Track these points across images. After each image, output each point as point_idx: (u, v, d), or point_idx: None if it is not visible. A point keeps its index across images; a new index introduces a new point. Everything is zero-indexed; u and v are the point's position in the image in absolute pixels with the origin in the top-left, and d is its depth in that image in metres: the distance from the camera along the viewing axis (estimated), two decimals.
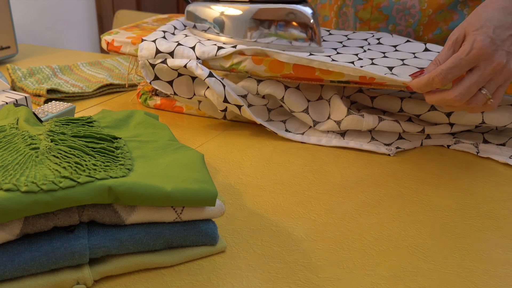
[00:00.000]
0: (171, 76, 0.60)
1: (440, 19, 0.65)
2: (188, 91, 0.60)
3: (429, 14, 0.64)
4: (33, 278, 0.32)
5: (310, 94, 0.59)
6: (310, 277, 0.35)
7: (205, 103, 0.62)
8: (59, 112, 0.57)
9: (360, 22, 0.69)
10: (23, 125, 0.42)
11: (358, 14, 0.68)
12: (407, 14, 0.65)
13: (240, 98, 0.57)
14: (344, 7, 0.69)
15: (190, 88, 0.60)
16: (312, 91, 0.59)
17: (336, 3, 0.70)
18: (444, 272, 0.36)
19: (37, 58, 0.98)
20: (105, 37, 0.66)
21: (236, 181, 0.49)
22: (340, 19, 0.71)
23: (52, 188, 0.31)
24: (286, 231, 0.41)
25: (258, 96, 0.59)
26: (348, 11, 0.69)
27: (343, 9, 0.69)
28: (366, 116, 0.55)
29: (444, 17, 0.64)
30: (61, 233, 0.33)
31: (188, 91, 0.60)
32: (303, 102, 0.58)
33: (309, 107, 0.58)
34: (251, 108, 0.60)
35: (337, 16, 0.71)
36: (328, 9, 0.72)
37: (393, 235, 0.40)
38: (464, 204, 0.45)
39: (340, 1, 0.70)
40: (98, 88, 0.74)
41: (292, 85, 0.58)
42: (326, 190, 0.47)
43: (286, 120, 0.61)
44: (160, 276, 0.35)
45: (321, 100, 0.59)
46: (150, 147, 0.42)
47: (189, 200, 0.35)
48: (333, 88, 0.59)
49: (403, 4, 0.65)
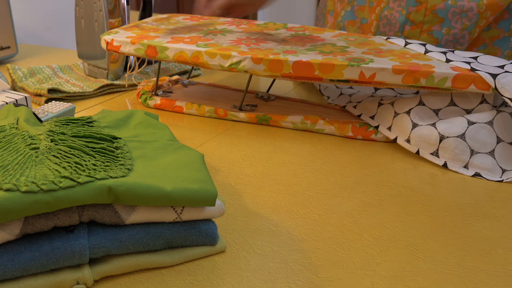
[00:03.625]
0: None
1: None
2: None
3: (487, 16, 0.64)
4: (33, 278, 0.32)
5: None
6: (310, 277, 0.35)
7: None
8: (59, 112, 0.57)
9: (411, 24, 0.69)
10: (23, 125, 0.42)
11: (410, 16, 0.68)
12: (464, 17, 0.66)
13: None
14: (386, 10, 0.69)
15: None
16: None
17: (379, 6, 0.70)
18: (444, 272, 0.36)
19: (37, 58, 0.98)
20: (104, 36, 0.66)
21: (236, 181, 0.49)
22: (381, 22, 0.71)
23: (52, 188, 0.31)
24: (286, 231, 0.41)
25: None
26: (390, 15, 0.69)
27: (384, 12, 0.69)
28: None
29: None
30: (61, 233, 0.33)
31: None
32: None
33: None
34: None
35: (378, 19, 0.71)
36: (367, 11, 0.72)
37: (393, 235, 0.40)
38: (464, 204, 0.45)
39: (383, 4, 0.70)
40: (98, 88, 0.74)
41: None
42: (326, 190, 0.47)
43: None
44: (160, 276, 0.35)
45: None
46: (150, 147, 0.42)
47: (189, 200, 0.35)
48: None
49: (460, 7, 0.65)
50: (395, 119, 0.56)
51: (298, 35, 0.66)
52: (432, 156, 0.53)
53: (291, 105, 0.67)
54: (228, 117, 0.64)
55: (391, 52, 0.58)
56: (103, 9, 0.74)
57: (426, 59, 0.55)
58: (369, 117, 0.59)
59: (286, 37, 0.65)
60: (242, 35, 0.66)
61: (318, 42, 0.63)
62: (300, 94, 0.75)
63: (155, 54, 0.62)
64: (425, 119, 0.54)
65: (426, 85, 0.52)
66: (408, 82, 0.52)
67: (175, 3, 2.38)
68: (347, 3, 0.77)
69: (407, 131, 0.54)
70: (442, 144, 0.52)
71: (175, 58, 0.61)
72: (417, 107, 0.55)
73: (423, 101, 0.55)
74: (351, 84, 0.55)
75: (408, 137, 0.54)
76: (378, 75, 0.53)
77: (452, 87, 0.51)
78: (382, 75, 0.53)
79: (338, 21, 0.83)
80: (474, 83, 0.51)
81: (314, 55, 0.57)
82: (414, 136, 0.54)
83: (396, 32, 0.72)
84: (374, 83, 0.54)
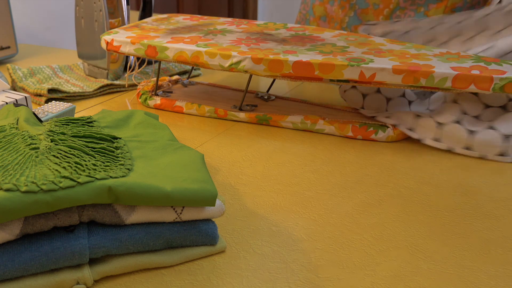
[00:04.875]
0: None
1: None
2: None
3: None
4: (33, 278, 0.32)
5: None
6: (310, 277, 0.35)
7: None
8: (59, 112, 0.57)
9: None
10: (23, 125, 0.42)
11: (428, 13, 0.69)
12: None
13: None
14: (397, 11, 0.70)
15: None
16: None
17: (387, 7, 0.71)
18: (444, 272, 0.36)
19: (37, 58, 0.98)
20: (104, 36, 0.66)
21: (236, 181, 0.49)
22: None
23: (52, 188, 0.31)
24: (286, 231, 0.41)
25: None
26: (404, 14, 0.70)
27: (396, 12, 0.70)
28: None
29: None
30: (61, 233, 0.33)
31: None
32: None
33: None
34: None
35: (388, 20, 0.72)
36: (372, 13, 0.73)
37: (393, 235, 0.40)
38: (464, 204, 0.45)
39: (392, 5, 0.70)
40: (98, 88, 0.74)
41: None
42: (326, 190, 0.47)
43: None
44: (160, 276, 0.35)
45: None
46: (150, 147, 0.42)
47: (189, 200, 0.35)
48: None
49: (477, 5, 0.67)
50: (445, 129, 0.56)
51: (298, 35, 0.66)
52: (501, 157, 0.54)
53: (291, 105, 0.67)
54: (228, 117, 0.64)
55: (391, 52, 0.58)
56: (103, 9, 0.74)
57: (426, 59, 0.55)
58: (407, 129, 0.59)
59: (286, 37, 0.65)
60: (242, 35, 0.66)
61: (318, 42, 0.63)
62: (300, 94, 0.75)
63: (155, 54, 0.62)
64: (476, 124, 0.55)
65: (426, 85, 0.52)
66: (408, 82, 0.52)
67: (175, 3, 2.38)
68: (349, 8, 0.78)
69: (463, 139, 0.55)
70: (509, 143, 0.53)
71: (175, 58, 0.61)
72: (463, 115, 0.56)
73: (464, 109, 0.56)
74: (351, 84, 0.55)
75: (468, 145, 0.55)
76: (378, 75, 0.53)
77: (452, 87, 0.51)
78: (382, 75, 0.53)
79: (344, 27, 0.84)
80: (474, 83, 0.51)
81: (314, 55, 0.57)
82: (476, 143, 0.54)
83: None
84: (374, 83, 0.54)
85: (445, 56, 0.56)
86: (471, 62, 0.54)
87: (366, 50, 0.59)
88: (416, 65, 0.53)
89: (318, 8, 0.87)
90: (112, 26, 0.76)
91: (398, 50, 0.59)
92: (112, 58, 0.77)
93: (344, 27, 0.83)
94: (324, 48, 0.60)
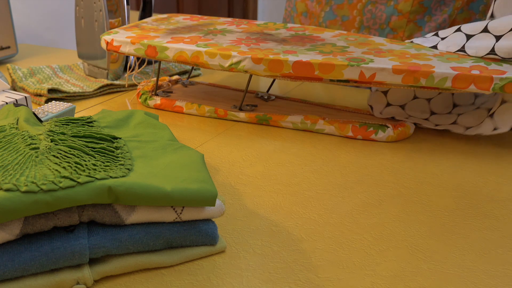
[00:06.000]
0: None
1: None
2: None
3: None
4: (33, 278, 0.32)
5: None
6: (310, 277, 0.35)
7: None
8: (59, 112, 0.57)
9: (399, 14, 0.74)
10: (23, 125, 0.42)
11: (398, 6, 0.73)
12: (442, 4, 0.72)
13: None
14: (369, 5, 0.74)
15: None
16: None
17: (360, 1, 0.76)
18: (444, 272, 0.36)
19: (37, 58, 0.98)
20: (104, 36, 0.66)
21: (236, 181, 0.49)
22: (364, 16, 0.76)
23: (52, 188, 0.31)
24: (286, 231, 0.41)
25: None
26: (375, 8, 0.74)
27: (368, 6, 0.73)
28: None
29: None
30: (61, 233, 0.33)
31: None
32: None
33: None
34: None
35: (361, 15, 0.76)
36: (347, 8, 0.77)
37: (393, 235, 0.40)
38: (464, 204, 0.45)
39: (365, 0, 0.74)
40: (98, 88, 0.74)
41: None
42: (326, 190, 0.47)
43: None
44: (160, 276, 0.35)
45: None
46: (150, 147, 0.42)
47: (189, 200, 0.35)
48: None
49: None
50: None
51: (298, 35, 0.66)
52: None
53: (291, 105, 0.67)
54: (228, 117, 0.64)
55: (391, 52, 0.58)
56: (103, 9, 0.74)
57: (426, 59, 0.55)
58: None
59: (286, 37, 0.65)
60: (242, 35, 0.66)
61: (318, 42, 0.63)
62: (300, 94, 0.75)
63: (155, 54, 0.62)
64: None
65: (426, 85, 0.52)
66: (408, 82, 0.52)
67: (175, 3, 2.38)
68: (325, 3, 0.80)
69: None
70: None
71: (175, 58, 0.61)
72: None
73: None
74: (351, 84, 0.55)
75: None
76: (378, 75, 0.53)
77: (452, 87, 0.51)
78: (382, 75, 0.53)
79: (320, 22, 0.86)
80: (474, 83, 0.51)
81: (314, 55, 0.57)
82: None
83: (381, 25, 0.77)
84: (374, 83, 0.54)
85: (445, 56, 0.56)
86: (471, 62, 0.54)
87: (366, 50, 0.59)
88: (416, 65, 0.53)
89: (300, 4, 0.90)
90: (112, 26, 0.76)
91: (398, 50, 0.59)
92: (112, 58, 0.77)
93: (320, 22, 0.86)
94: (324, 48, 0.60)
